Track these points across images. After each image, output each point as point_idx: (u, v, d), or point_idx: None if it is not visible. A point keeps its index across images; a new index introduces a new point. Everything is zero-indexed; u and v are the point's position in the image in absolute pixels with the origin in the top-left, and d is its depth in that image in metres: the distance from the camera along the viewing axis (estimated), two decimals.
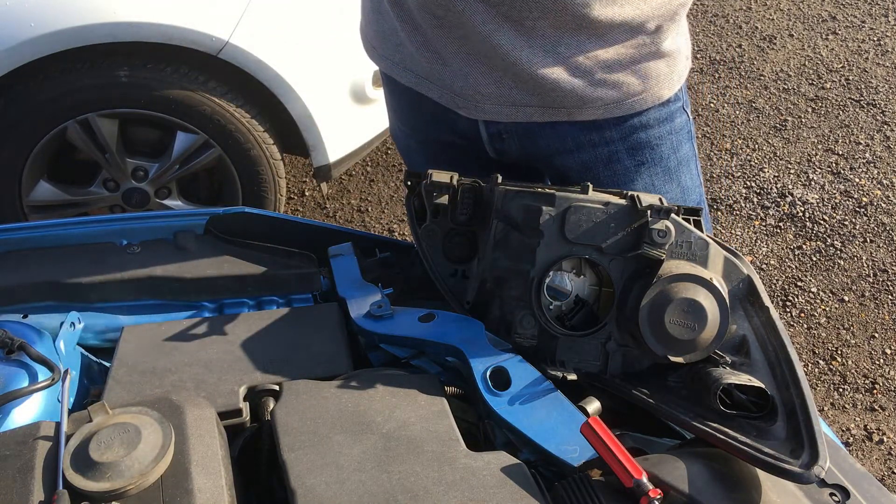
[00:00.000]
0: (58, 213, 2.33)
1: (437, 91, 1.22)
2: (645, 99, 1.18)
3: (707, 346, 0.88)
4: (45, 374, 0.91)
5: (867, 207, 3.05)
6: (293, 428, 0.84)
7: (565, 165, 1.25)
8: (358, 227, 2.93)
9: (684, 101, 1.25)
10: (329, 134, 2.33)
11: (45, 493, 0.72)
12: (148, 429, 0.77)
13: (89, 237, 1.18)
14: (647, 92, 1.17)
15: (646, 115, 1.20)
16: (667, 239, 0.91)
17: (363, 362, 1.04)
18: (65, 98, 2.13)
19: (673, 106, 1.22)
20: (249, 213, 1.22)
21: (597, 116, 1.18)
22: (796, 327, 2.61)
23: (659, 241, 0.91)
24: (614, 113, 1.18)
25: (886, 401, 2.39)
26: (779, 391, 0.85)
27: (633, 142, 1.22)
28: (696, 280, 0.90)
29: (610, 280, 0.94)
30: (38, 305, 1.08)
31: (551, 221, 0.93)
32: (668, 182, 1.25)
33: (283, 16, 2.24)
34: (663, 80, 1.17)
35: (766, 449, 0.79)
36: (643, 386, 0.91)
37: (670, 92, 1.20)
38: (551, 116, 1.18)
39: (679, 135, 1.24)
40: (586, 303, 0.95)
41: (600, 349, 0.94)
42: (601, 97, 1.15)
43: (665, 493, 0.75)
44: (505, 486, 0.78)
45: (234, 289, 1.04)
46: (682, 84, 1.23)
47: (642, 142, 1.22)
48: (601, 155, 1.23)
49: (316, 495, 0.75)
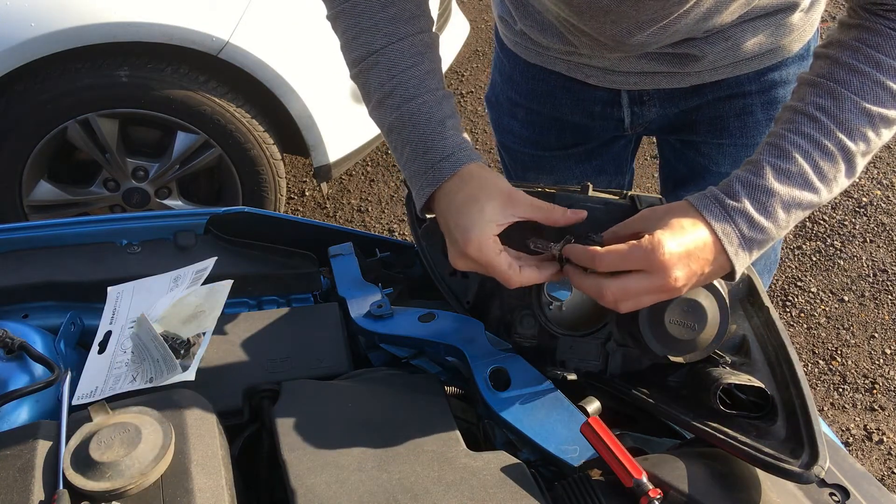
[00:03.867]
0: (58, 213, 2.33)
1: (564, 66, 1.25)
2: (783, 49, 1.19)
3: (707, 346, 0.88)
4: (45, 374, 0.91)
5: (867, 207, 3.05)
6: (293, 428, 0.84)
7: (695, 119, 1.28)
8: (358, 227, 2.93)
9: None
10: (329, 134, 2.33)
11: (46, 493, 0.72)
12: (148, 429, 0.77)
13: (89, 237, 1.18)
14: (786, 46, 1.18)
15: (784, 70, 1.22)
16: None
17: (363, 362, 1.05)
18: (65, 98, 2.13)
19: (806, 61, 1.23)
20: (249, 212, 1.22)
21: (739, 73, 1.20)
22: (796, 327, 2.61)
23: None
24: (755, 67, 1.20)
25: (886, 401, 2.39)
26: (779, 391, 0.85)
27: (769, 97, 1.24)
28: None
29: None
30: (38, 305, 1.08)
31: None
32: None
33: (283, 16, 2.24)
34: (798, 32, 1.18)
35: (766, 449, 0.79)
36: (643, 386, 0.91)
37: (801, 43, 1.21)
38: (695, 81, 1.21)
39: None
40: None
41: (600, 349, 0.94)
42: (744, 56, 1.17)
43: (665, 493, 0.75)
44: (505, 486, 0.78)
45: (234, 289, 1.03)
46: (813, 31, 1.24)
47: (778, 97, 1.24)
48: (735, 107, 1.25)
49: (316, 495, 0.75)
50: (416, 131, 0.91)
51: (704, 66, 1.17)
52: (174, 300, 0.98)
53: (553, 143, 1.39)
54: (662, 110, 1.27)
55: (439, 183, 0.89)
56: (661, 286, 0.81)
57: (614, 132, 1.35)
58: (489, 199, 0.85)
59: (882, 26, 0.86)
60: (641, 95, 1.25)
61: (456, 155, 0.89)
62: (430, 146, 0.90)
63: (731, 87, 1.23)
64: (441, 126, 0.91)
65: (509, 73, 1.36)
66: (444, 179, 0.88)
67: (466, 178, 0.88)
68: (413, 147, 0.91)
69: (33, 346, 0.94)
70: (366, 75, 0.95)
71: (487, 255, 0.84)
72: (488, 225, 0.84)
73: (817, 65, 0.91)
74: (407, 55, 0.93)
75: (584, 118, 1.32)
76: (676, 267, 0.80)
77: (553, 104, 1.33)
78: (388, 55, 0.93)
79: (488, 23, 3.98)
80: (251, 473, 0.88)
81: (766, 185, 0.85)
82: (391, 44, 0.93)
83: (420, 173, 0.91)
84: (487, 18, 4.01)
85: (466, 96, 3.56)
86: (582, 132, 1.36)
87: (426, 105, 0.91)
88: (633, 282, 0.81)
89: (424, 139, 0.90)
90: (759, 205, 0.84)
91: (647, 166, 3.13)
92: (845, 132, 0.86)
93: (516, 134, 1.42)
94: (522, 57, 1.31)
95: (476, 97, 3.55)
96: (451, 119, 0.92)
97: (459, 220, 0.86)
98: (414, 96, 0.92)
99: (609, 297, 0.82)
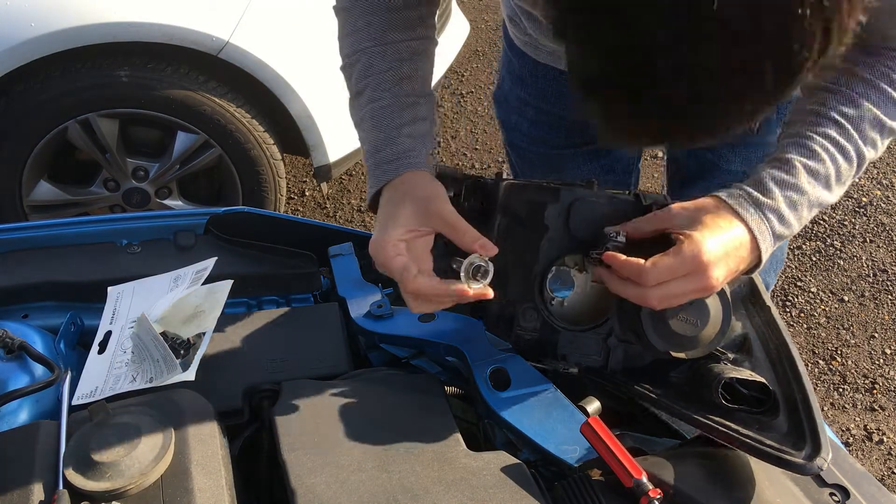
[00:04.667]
0: (58, 212, 2.33)
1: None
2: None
3: (709, 343, 0.88)
4: (45, 374, 0.91)
5: (867, 207, 3.05)
6: (293, 428, 0.84)
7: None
8: (358, 227, 2.93)
9: None
10: (329, 134, 2.33)
11: (45, 493, 0.72)
12: (148, 429, 0.77)
13: (89, 237, 1.18)
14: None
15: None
16: None
17: (363, 362, 1.05)
18: (65, 98, 2.13)
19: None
20: (249, 212, 1.22)
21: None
22: (796, 327, 2.61)
23: None
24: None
25: (886, 401, 2.39)
26: (780, 386, 0.85)
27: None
28: None
29: None
30: (38, 305, 1.08)
31: (556, 216, 0.93)
32: None
33: (283, 16, 2.23)
34: None
35: (769, 441, 0.79)
36: (644, 381, 0.91)
37: None
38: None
39: None
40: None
41: (602, 344, 0.94)
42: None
43: (665, 493, 0.75)
44: (505, 486, 0.78)
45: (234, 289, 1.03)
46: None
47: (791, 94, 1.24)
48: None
49: (316, 495, 0.75)
50: (373, 132, 0.94)
51: None
52: (174, 300, 0.98)
53: (562, 142, 1.39)
54: None
55: (380, 185, 0.92)
56: (702, 287, 0.82)
57: None
58: (404, 205, 0.88)
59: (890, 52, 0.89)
60: None
61: (400, 160, 0.91)
62: (380, 148, 0.93)
63: None
64: (396, 131, 0.93)
65: (518, 71, 1.37)
66: (384, 182, 0.91)
67: (399, 184, 0.91)
68: (368, 146, 0.95)
69: (33, 346, 0.94)
70: (348, 71, 0.99)
71: (383, 255, 0.86)
72: (395, 229, 0.86)
73: (829, 74, 0.92)
74: (387, 59, 0.96)
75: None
76: (717, 267, 0.81)
77: (563, 103, 1.33)
78: (370, 56, 0.96)
79: (488, 23, 3.98)
80: (251, 473, 0.88)
81: (799, 185, 0.87)
82: (375, 46, 0.96)
83: (370, 172, 0.94)
84: (487, 18, 4.01)
85: (466, 96, 3.56)
86: (592, 130, 1.35)
87: (388, 109, 0.94)
88: (675, 286, 0.82)
89: (377, 141, 0.94)
90: (790, 203, 0.86)
91: (646, 166, 3.13)
92: (863, 139, 0.89)
93: (525, 132, 1.42)
94: (532, 56, 1.31)
95: (476, 97, 3.54)
96: (410, 126, 0.94)
97: (378, 223, 0.89)
98: (378, 98, 0.95)
99: (654, 304, 0.84)
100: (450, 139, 3.34)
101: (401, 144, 0.92)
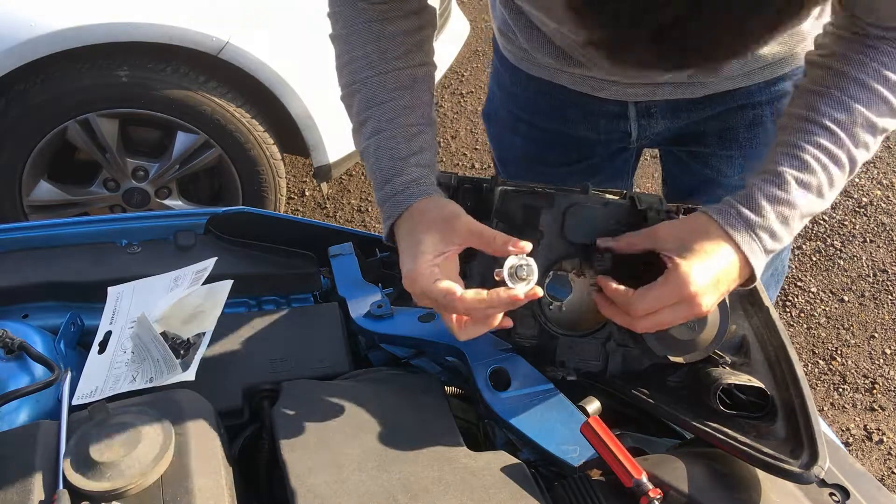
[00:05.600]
0: (58, 212, 2.33)
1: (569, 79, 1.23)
2: (795, 58, 1.17)
3: (707, 347, 0.88)
4: (46, 374, 0.91)
5: (867, 207, 3.05)
6: (293, 428, 0.84)
7: (704, 130, 1.26)
8: (358, 227, 2.93)
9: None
10: (329, 134, 2.33)
11: (46, 493, 0.72)
12: (148, 429, 0.77)
13: (89, 237, 1.18)
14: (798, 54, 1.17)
15: (795, 79, 1.20)
16: None
17: (363, 362, 1.05)
18: (65, 98, 2.13)
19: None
20: (249, 212, 1.22)
21: (751, 83, 1.19)
22: (796, 327, 2.61)
23: None
24: (767, 77, 1.19)
25: (886, 401, 2.39)
26: (778, 391, 0.85)
27: (780, 107, 1.22)
28: None
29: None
30: (38, 305, 1.08)
31: (551, 221, 0.93)
32: None
33: (283, 16, 2.24)
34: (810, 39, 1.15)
35: (766, 449, 0.79)
36: (643, 386, 0.91)
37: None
38: (706, 91, 1.19)
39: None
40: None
41: (600, 349, 0.94)
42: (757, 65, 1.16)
43: (665, 493, 0.75)
44: (505, 486, 0.78)
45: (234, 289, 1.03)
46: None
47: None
48: (746, 117, 1.24)
49: (316, 495, 0.75)
50: (380, 164, 0.94)
51: (718, 77, 1.17)
52: (174, 300, 0.98)
53: (556, 159, 1.36)
54: (670, 122, 1.26)
55: (396, 216, 0.91)
56: (692, 314, 0.83)
57: (619, 145, 1.33)
58: (426, 232, 0.86)
59: (886, 45, 0.88)
60: (649, 108, 1.24)
61: (410, 189, 0.91)
62: (389, 179, 0.92)
63: (741, 98, 1.22)
64: (403, 162, 0.92)
65: (510, 86, 1.34)
66: (399, 213, 0.90)
67: (415, 212, 0.90)
68: (376, 177, 0.94)
69: (33, 346, 0.94)
70: (349, 100, 0.99)
71: (422, 285, 0.84)
72: (422, 256, 0.85)
73: (820, 75, 0.91)
74: (387, 89, 0.95)
75: (590, 132, 1.30)
76: (706, 295, 0.82)
77: (557, 119, 1.31)
78: (370, 86, 0.95)
79: (488, 23, 3.98)
80: (251, 473, 0.88)
81: (790, 200, 0.86)
82: (375, 76, 0.95)
83: (381, 203, 0.93)
84: (487, 18, 4.01)
85: (466, 96, 3.56)
86: (586, 147, 1.34)
87: (393, 140, 0.93)
88: (665, 315, 0.83)
89: (385, 172, 0.93)
90: (781, 218, 0.86)
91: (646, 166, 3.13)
92: (855, 144, 0.88)
93: (517, 149, 1.39)
94: (524, 70, 1.29)
95: (476, 97, 3.54)
96: (417, 155, 0.93)
97: (403, 256, 0.88)
98: (383, 129, 0.94)
99: (639, 329, 0.85)
100: (450, 139, 3.34)
101: (409, 174, 0.92)
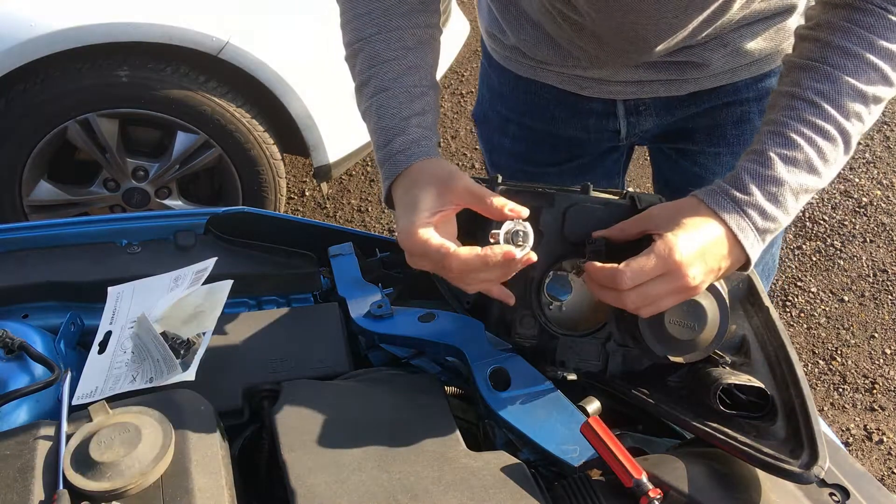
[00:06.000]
0: (58, 212, 2.33)
1: (557, 78, 1.23)
2: (781, 54, 1.17)
3: (707, 347, 0.88)
4: (45, 374, 0.91)
5: (867, 207, 3.05)
6: (293, 428, 0.84)
7: (692, 128, 1.26)
8: (358, 227, 2.93)
9: None
10: (329, 134, 2.33)
11: (46, 493, 0.72)
12: (148, 429, 0.77)
13: (89, 237, 1.18)
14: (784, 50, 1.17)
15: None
16: None
17: (363, 362, 1.04)
18: (65, 98, 2.13)
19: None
20: (249, 212, 1.22)
21: (737, 79, 1.19)
22: (796, 327, 2.61)
23: None
24: (754, 73, 1.19)
25: (886, 401, 2.39)
26: (778, 391, 0.85)
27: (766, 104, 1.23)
28: None
29: None
30: (38, 305, 1.08)
31: (551, 221, 0.93)
32: None
33: (283, 16, 2.24)
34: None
35: (766, 449, 0.79)
36: (643, 386, 0.91)
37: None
38: (693, 88, 1.19)
39: None
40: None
41: (600, 349, 0.94)
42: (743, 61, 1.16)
43: (665, 493, 0.75)
44: (505, 486, 0.78)
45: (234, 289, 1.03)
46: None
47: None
48: (733, 114, 1.24)
49: (316, 495, 0.75)
50: (381, 123, 0.93)
51: (704, 73, 1.17)
52: (174, 300, 0.98)
53: (546, 159, 1.36)
54: (659, 119, 1.26)
55: (394, 176, 0.90)
56: (679, 287, 0.81)
57: (609, 143, 1.33)
58: (423, 189, 0.86)
59: (872, 5, 0.86)
60: (637, 105, 1.24)
61: (411, 149, 0.90)
62: (390, 139, 0.92)
63: (728, 95, 1.22)
64: (405, 122, 0.92)
65: (498, 88, 1.34)
66: (398, 173, 0.90)
67: (414, 171, 0.89)
68: (377, 137, 0.94)
69: (33, 346, 0.94)
70: (352, 60, 0.98)
71: (414, 240, 0.83)
72: (419, 213, 0.84)
73: (806, 47, 0.90)
74: (392, 47, 0.94)
75: (579, 131, 1.30)
76: (693, 266, 0.80)
77: (546, 118, 1.31)
78: (373, 44, 0.94)
79: None
80: (251, 473, 0.88)
81: (775, 176, 0.85)
82: (379, 34, 0.94)
83: (381, 163, 0.93)
84: None
85: (466, 96, 3.56)
86: (576, 146, 1.34)
87: (395, 99, 0.93)
88: (652, 287, 0.81)
89: (387, 132, 0.92)
90: (769, 195, 0.85)
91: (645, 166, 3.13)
92: (843, 115, 0.87)
93: (507, 150, 1.39)
94: (513, 71, 1.28)
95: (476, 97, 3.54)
96: (419, 116, 0.92)
97: (399, 213, 0.87)
98: (386, 88, 0.93)
99: (631, 306, 0.82)
100: (450, 139, 3.34)
101: (411, 134, 0.91)
